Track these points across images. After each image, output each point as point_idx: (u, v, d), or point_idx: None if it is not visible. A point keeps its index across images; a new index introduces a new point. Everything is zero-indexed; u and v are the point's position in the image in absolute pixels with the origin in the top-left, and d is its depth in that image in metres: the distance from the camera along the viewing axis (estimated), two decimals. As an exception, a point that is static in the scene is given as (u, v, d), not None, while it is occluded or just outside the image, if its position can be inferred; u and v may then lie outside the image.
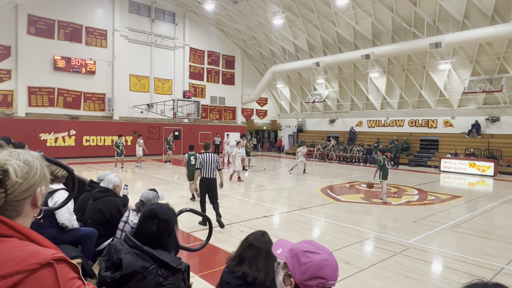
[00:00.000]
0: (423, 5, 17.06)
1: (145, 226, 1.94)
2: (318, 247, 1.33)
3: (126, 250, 1.82)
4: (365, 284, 4.42)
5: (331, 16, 20.20)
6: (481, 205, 9.63)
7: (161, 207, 2.06)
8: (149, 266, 1.77)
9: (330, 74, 24.77)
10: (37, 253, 0.85)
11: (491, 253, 5.68)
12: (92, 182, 4.55)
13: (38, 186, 0.97)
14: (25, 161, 0.97)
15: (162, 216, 1.98)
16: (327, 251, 1.33)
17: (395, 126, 23.13)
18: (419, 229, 7.04)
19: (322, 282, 1.28)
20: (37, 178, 0.97)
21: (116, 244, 1.88)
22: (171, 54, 24.22)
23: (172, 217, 2.03)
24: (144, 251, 1.81)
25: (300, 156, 15.55)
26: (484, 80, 17.68)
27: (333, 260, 1.31)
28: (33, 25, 18.59)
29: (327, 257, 1.30)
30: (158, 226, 1.94)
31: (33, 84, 18.73)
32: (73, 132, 19.79)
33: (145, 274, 1.74)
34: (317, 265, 1.28)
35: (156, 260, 1.79)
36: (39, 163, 1.00)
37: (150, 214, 1.98)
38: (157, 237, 1.91)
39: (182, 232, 6.39)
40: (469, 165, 16.93)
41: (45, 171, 1.02)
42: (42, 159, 1.03)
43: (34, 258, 0.83)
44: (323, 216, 8.09)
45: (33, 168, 0.97)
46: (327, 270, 1.29)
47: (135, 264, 1.75)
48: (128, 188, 4.98)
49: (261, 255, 2.14)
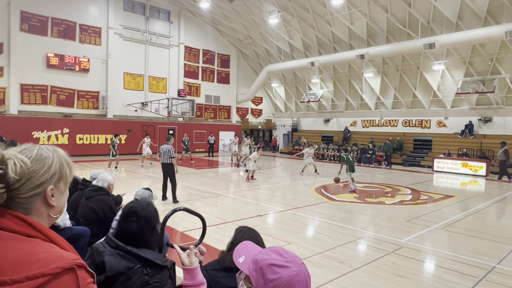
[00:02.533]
0: (417, 6, 17.18)
1: (125, 225, 1.91)
2: (286, 258, 1.14)
3: (109, 251, 1.78)
4: (359, 283, 4.44)
5: (326, 16, 20.25)
6: (473, 205, 9.73)
7: (140, 204, 2.02)
8: (134, 266, 1.73)
9: (325, 74, 24.84)
10: (61, 257, 0.87)
11: (483, 252, 5.74)
12: (85, 181, 4.51)
13: (49, 184, 0.95)
14: (38, 156, 0.95)
15: (142, 213, 1.94)
16: (298, 261, 1.15)
17: (389, 126, 23.27)
18: (412, 228, 7.09)
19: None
20: (48, 176, 0.95)
21: (98, 246, 1.84)
22: (166, 52, 24.10)
23: (152, 214, 1.99)
24: (127, 251, 1.78)
25: (307, 157, 15.48)
26: (477, 81, 17.85)
27: (304, 273, 1.13)
28: (26, 21, 18.38)
29: (297, 270, 1.12)
30: (138, 224, 1.90)
31: (25, 81, 18.52)
32: (67, 131, 19.61)
33: (129, 275, 1.71)
34: (286, 283, 1.09)
35: (140, 259, 1.76)
36: (57, 161, 0.98)
37: (129, 212, 1.95)
38: (138, 235, 1.88)
39: (176, 231, 6.38)
40: (462, 165, 17.10)
41: (64, 170, 1.00)
42: (65, 157, 1.02)
43: (58, 262, 0.85)
44: (317, 216, 8.12)
45: (46, 165, 0.95)
46: (297, 286, 1.10)
47: (118, 265, 1.71)
48: (124, 190, 4.95)
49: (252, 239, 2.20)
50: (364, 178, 14.68)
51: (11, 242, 0.87)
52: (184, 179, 13.11)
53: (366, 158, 21.00)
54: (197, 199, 9.57)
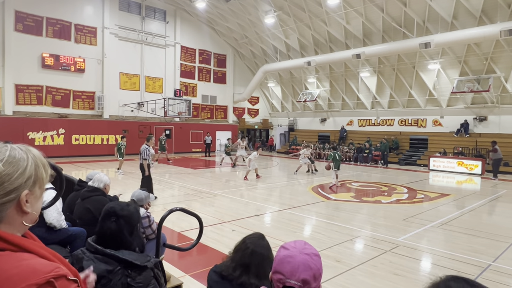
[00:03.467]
0: (413, 6, 17.25)
1: (104, 225, 1.88)
2: (295, 245, 1.28)
3: (88, 257, 1.76)
4: (355, 282, 4.45)
5: (322, 16, 20.28)
6: (469, 203, 9.79)
7: (119, 204, 1.99)
8: (113, 269, 1.71)
9: (322, 73, 24.88)
10: (34, 271, 0.77)
11: (479, 250, 5.78)
12: (80, 182, 4.49)
13: (24, 188, 0.84)
14: (11, 158, 0.84)
15: (121, 213, 1.91)
16: (303, 250, 1.26)
17: (385, 125, 23.36)
18: (409, 227, 7.13)
19: (281, 278, 1.22)
20: (23, 180, 0.84)
21: (78, 253, 1.82)
22: (162, 52, 24.03)
23: (132, 214, 1.97)
24: (106, 254, 1.75)
25: (303, 158, 15.56)
26: (472, 80, 17.96)
27: (300, 259, 1.22)
28: (20, 21, 18.25)
29: (294, 253, 1.24)
30: (117, 224, 1.87)
31: (20, 82, 18.39)
32: (62, 131, 19.50)
33: (110, 277, 1.68)
34: (279, 259, 1.26)
35: (120, 261, 1.73)
36: (32, 163, 0.87)
37: (108, 212, 1.92)
38: (117, 236, 1.84)
39: (173, 232, 6.36)
40: (458, 164, 17.20)
41: (40, 172, 0.89)
42: (40, 157, 0.91)
43: (31, 278, 0.75)
44: (314, 215, 8.13)
45: (20, 168, 0.84)
46: (287, 266, 1.22)
47: (97, 269, 1.68)
48: (121, 191, 4.93)
49: (265, 262, 1.99)
50: (361, 177, 14.72)
51: None
52: (181, 179, 13.09)
53: (362, 157, 21.06)
54: (194, 199, 9.56)
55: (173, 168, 16.75)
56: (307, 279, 1.20)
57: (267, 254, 2.03)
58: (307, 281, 1.20)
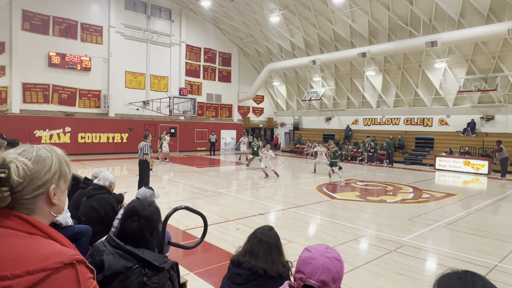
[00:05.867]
0: (419, 4, 17.11)
1: (126, 224, 1.91)
2: (318, 248, 1.42)
3: (108, 251, 1.78)
4: (360, 282, 4.44)
5: (327, 14, 20.20)
6: (475, 203, 9.70)
7: (141, 204, 2.01)
8: (132, 266, 1.73)
9: (327, 72, 24.79)
10: (61, 252, 0.89)
11: (485, 250, 5.73)
12: (86, 180, 4.52)
13: (51, 183, 0.97)
14: (38, 157, 0.96)
15: (143, 213, 1.93)
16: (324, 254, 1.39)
17: (390, 124, 23.23)
18: (414, 227, 7.09)
19: (302, 277, 1.35)
20: (50, 176, 0.97)
21: (99, 245, 1.84)
22: (167, 51, 24.10)
23: (154, 214, 1.99)
24: (127, 251, 1.77)
25: (320, 155, 15.28)
26: (479, 79, 17.79)
27: (320, 261, 1.35)
28: (27, 20, 18.40)
29: (315, 256, 1.37)
30: (139, 224, 1.89)
31: (27, 80, 18.56)
32: (68, 129, 19.65)
33: (127, 274, 1.71)
34: (301, 260, 1.38)
35: (139, 259, 1.76)
36: (56, 160, 1.00)
37: (130, 211, 1.94)
38: (138, 235, 1.87)
39: (177, 230, 6.39)
40: (464, 164, 17.05)
41: (63, 168, 1.02)
42: (63, 156, 1.04)
43: (58, 257, 0.87)
44: (319, 214, 8.12)
45: (46, 165, 0.97)
46: (308, 267, 1.34)
47: (117, 265, 1.71)
48: (126, 189, 4.95)
49: (272, 249, 2.24)
50: (366, 177, 14.66)
51: (13, 239, 0.89)
52: (186, 177, 13.14)
53: (367, 156, 20.96)
54: (198, 197, 9.58)
55: (178, 166, 16.81)
56: (326, 280, 1.32)
57: (275, 243, 2.28)
58: (325, 283, 1.32)
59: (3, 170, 0.90)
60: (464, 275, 1.01)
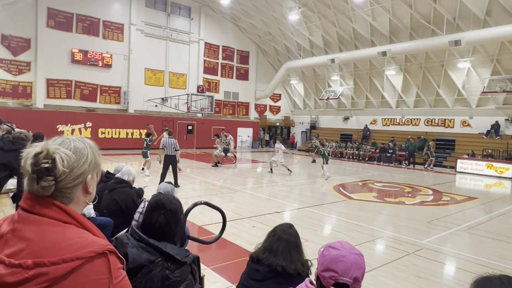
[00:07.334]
0: (443, 2, 16.66)
1: (152, 217, 1.93)
2: (343, 246, 1.43)
3: (132, 243, 1.81)
4: (377, 283, 4.39)
5: (347, 12, 19.93)
6: (498, 208, 9.41)
7: (167, 197, 2.04)
8: (155, 259, 1.76)
9: (345, 71, 24.49)
10: (94, 242, 0.93)
11: (507, 256, 5.56)
12: (108, 174, 4.64)
13: (88, 173, 1.02)
14: (75, 149, 1.01)
15: (169, 206, 1.96)
16: (352, 251, 1.42)
17: (410, 125, 22.76)
18: (433, 229, 6.94)
19: (334, 275, 1.36)
20: (87, 166, 1.01)
21: (122, 238, 1.87)
22: (186, 48, 24.34)
23: (178, 208, 2.02)
24: (150, 244, 1.80)
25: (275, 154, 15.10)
26: (505, 79, 17.19)
27: (351, 259, 1.38)
28: (52, 18, 18.95)
29: (345, 253, 1.39)
30: (165, 217, 1.92)
31: (51, 76, 19.12)
32: (89, 124, 20.16)
33: (151, 267, 1.73)
34: (331, 259, 1.39)
35: (162, 253, 1.78)
36: (90, 151, 1.04)
37: (156, 204, 1.96)
38: (164, 228, 1.90)
39: (194, 225, 6.46)
40: (487, 167, 16.54)
41: (97, 159, 1.07)
42: (95, 147, 1.08)
43: (92, 246, 0.90)
44: (335, 214, 8.06)
45: (84, 155, 1.01)
46: (341, 265, 1.36)
47: (140, 258, 1.74)
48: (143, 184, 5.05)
49: (291, 247, 2.24)
50: (384, 178, 14.44)
51: (49, 227, 0.93)
52: (203, 174, 13.26)
53: (386, 157, 20.62)
54: (215, 194, 9.67)
55: (195, 163, 16.98)
56: (358, 277, 1.37)
57: (294, 241, 2.28)
58: (358, 279, 1.37)
59: (47, 160, 0.94)
60: (507, 280, 0.96)
